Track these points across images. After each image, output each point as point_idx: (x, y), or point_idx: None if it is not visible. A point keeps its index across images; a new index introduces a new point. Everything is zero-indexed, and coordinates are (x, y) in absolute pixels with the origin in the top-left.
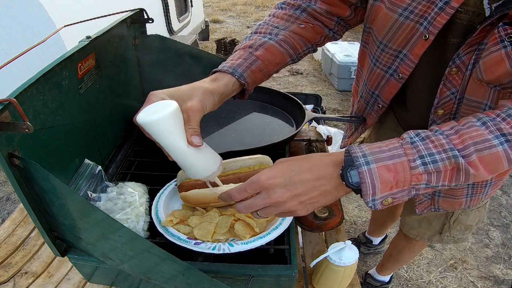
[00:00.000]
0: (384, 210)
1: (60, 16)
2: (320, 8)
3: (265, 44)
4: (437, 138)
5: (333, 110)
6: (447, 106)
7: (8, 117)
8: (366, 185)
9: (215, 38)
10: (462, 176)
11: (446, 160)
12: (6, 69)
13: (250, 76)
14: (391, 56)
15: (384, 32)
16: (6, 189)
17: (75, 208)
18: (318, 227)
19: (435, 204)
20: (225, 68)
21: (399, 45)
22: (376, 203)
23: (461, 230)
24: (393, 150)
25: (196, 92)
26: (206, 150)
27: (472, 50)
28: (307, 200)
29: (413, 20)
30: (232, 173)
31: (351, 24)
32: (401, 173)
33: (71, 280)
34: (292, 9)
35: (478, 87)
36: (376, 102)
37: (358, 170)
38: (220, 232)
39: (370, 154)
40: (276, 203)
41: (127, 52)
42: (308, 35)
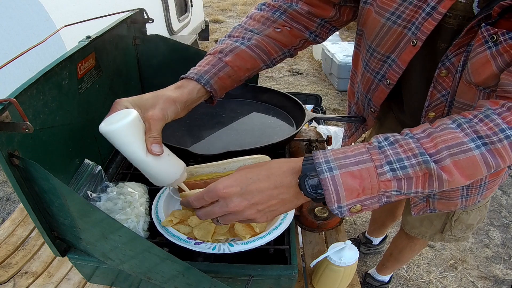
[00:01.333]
0: (384, 210)
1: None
2: (302, 9)
3: (235, 49)
4: (407, 142)
5: (333, 110)
6: (438, 109)
7: (8, 117)
8: (329, 192)
9: (215, 38)
10: (435, 182)
11: (416, 166)
12: (6, 69)
13: (217, 83)
14: (379, 61)
15: (373, 36)
16: (6, 189)
17: (75, 208)
18: (318, 227)
19: (431, 206)
20: (191, 75)
21: (387, 50)
22: (343, 210)
23: (462, 229)
24: (359, 155)
25: (159, 101)
26: (167, 158)
27: (461, 52)
28: (265, 208)
29: (400, 25)
30: (232, 173)
31: (337, 26)
32: (367, 179)
33: (71, 280)
34: (271, 11)
35: (468, 90)
36: (369, 106)
37: (320, 177)
38: (220, 232)
39: (334, 160)
40: (233, 211)
41: (127, 52)
42: (284, 39)
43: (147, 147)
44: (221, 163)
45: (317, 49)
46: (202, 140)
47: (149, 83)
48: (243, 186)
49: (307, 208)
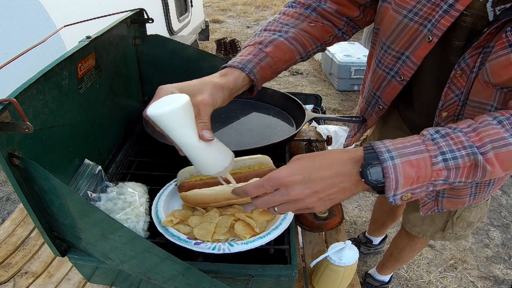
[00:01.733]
0: (384, 210)
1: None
2: (330, 8)
3: (275, 41)
4: (457, 136)
5: (333, 110)
6: (451, 108)
7: (8, 117)
8: (390, 180)
9: (215, 38)
10: (479, 173)
11: (465, 157)
12: (6, 69)
13: (259, 72)
14: (393, 58)
15: (388, 33)
16: (6, 189)
17: (75, 208)
18: (318, 227)
19: (439, 205)
20: (235, 64)
21: (402, 46)
22: (396, 198)
23: (463, 227)
24: (416, 146)
25: (206, 87)
26: (217, 145)
27: (477, 53)
28: (326, 196)
29: (417, 22)
30: (232, 173)
31: (360, 25)
32: (423, 168)
33: (71, 280)
34: (303, 8)
35: (484, 89)
36: (377, 103)
37: (383, 165)
38: (220, 232)
39: (394, 150)
40: (295, 200)
41: (127, 52)
42: (317, 33)
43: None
44: None
45: None
46: None
47: (149, 83)
48: (306, 174)
49: None
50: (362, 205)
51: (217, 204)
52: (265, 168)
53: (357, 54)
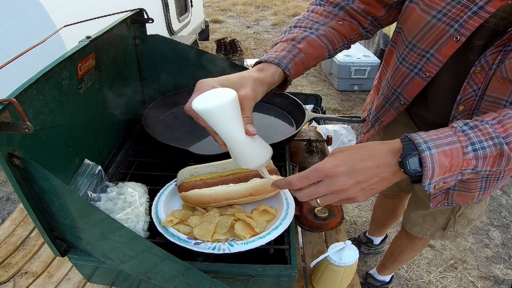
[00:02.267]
0: (385, 210)
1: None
2: (358, 7)
3: (307, 37)
4: (484, 127)
5: (333, 110)
6: (468, 102)
7: (8, 117)
8: (427, 169)
9: (215, 38)
10: (504, 161)
11: (492, 147)
12: (6, 69)
13: (293, 68)
14: (418, 56)
15: (415, 32)
16: (6, 189)
17: (75, 208)
18: (318, 227)
19: (449, 199)
20: (271, 59)
21: (428, 45)
22: (431, 187)
23: (464, 224)
24: (449, 137)
25: (247, 81)
26: (259, 140)
27: (498, 51)
28: (367, 187)
29: (444, 22)
30: (232, 173)
31: (383, 24)
32: (455, 158)
33: (71, 280)
34: (331, 6)
35: (501, 85)
36: (397, 99)
37: (421, 155)
38: (220, 232)
39: (431, 141)
40: (339, 190)
41: (127, 52)
42: (345, 31)
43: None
44: (221, 163)
45: None
46: (202, 140)
47: (149, 83)
48: (350, 165)
49: (307, 208)
50: (362, 205)
51: (217, 204)
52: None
53: (357, 54)
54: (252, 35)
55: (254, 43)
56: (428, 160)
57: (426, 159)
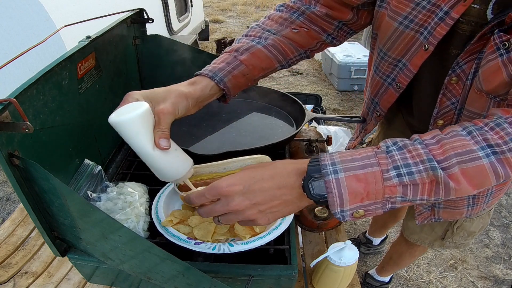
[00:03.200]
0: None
1: (60, 16)
2: (319, 11)
3: (251, 48)
4: (415, 148)
5: (333, 110)
6: (447, 116)
7: (8, 117)
8: (332, 196)
9: (215, 38)
10: (442, 190)
11: (423, 172)
12: (6, 69)
13: (231, 81)
14: (390, 65)
15: (385, 40)
16: (6, 189)
17: (75, 208)
18: (318, 227)
19: (435, 215)
20: (205, 72)
21: (399, 54)
22: (346, 215)
23: (463, 236)
24: (366, 159)
25: (170, 95)
26: (175, 153)
27: (473, 59)
28: (267, 209)
29: (413, 29)
30: (232, 173)
31: (355, 29)
32: (372, 184)
33: (71, 280)
34: (290, 12)
35: (478, 98)
36: (375, 109)
37: (325, 179)
38: (220, 232)
39: (340, 163)
40: (234, 211)
41: (127, 52)
42: (301, 40)
43: (154, 141)
44: (221, 163)
45: None
46: (202, 140)
47: (149, 83)
48: (246, 185)
49: (307, 208)
50: None
51: None
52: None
53: (357, 54)
54: None
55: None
56: (333, 185)
57: (330, 183)
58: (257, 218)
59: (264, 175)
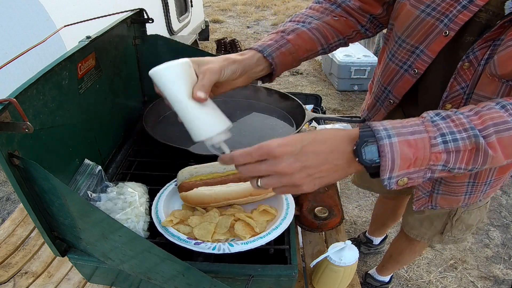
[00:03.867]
0: (386, 210)
1: (60, 16)
2: (354, 5)
3: (297, 30)
4: (458, 118)
5: (333, 110)
6: (455, 100)
7: (8, 117)
8: (386, 160)
9: (215, 38)
10: (480, 158)
11: (466, 139)
12: (6, 69)
13: (278, 57)
14: (407, 52)
15: (404, 28)
16: (6, 189)
17: (75, 208)
18: (318, 227)
19: (433, 202)
20: (255, 46)
21: (417, 41)
22: (392, 182)
23: (462, 229)
24: (415, 126)
25: (218, 59)
26: (212, 109)
27: (487, 46)
28: (316, 173)
29: (434, 17)
30: (232, 173)
31: (384, 23)
32: (421, 150)
33: (71, 280)
34: (329, 3)
35: (490, 82)
36: (387, 98)
37: (379, 143)
38: (220, 232)
39: (392, 128)
40: (282, 172)
41: (127, 52)
42: (340, 27)
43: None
44: None
45: None
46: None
47: (149, 83)
48: (298, 146)
49: (307, 208)
50: (362, 205)
51: (217, 204)
52: None
53: (357, 54)
54: (252, 35)
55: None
56: (387, 149)
57: (384, 147)
58: (303, 183)
59: (316, 138)
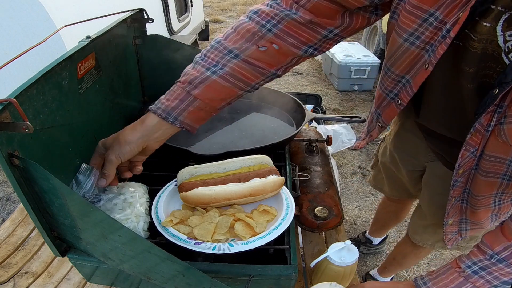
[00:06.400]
0: (389, 212)
1: (60, 16)
2: (302, 18)
3: (206, 80)
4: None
5: (333, 110)
6: (467, 164)
7: (8, 117)
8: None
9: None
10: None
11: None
12: (6, 69)
13: (188, 118)
14: (393, 81)
15: (390, 55)
16: (6, 189)
17: (75, 208)
18: (318, 227)
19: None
20: (159, 111)
21: (402, 70)
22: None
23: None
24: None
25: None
26: None
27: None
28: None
29: (418, 46)
30: (232, 173)
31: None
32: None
33: (71, 280)
34: (263, 21)
35: (502, 145)
36: (378, 120)
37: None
38: (220, 232)
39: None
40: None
41: (127, 52)
42: (268, 59)
43: None
44: (221, 163)
45: None
46: (202, 140)
47: (149, 83)
48: None
49: (307, 208)
50: (362, 205)
51: (217, 204)
52: (265, 168)
53: (357, 54)
54: None
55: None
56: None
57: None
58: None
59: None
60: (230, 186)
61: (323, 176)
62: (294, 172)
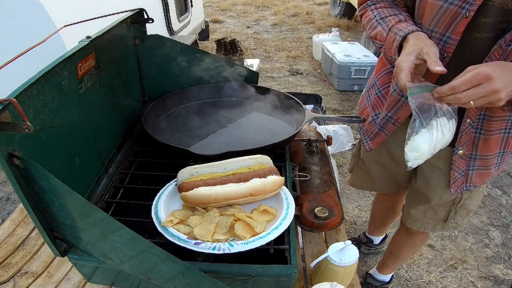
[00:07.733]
0: (384, 207)
1: (60, 16)
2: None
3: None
4: None
5: (333, 110)
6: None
7: (8, 117)
8: None
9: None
10: None
11: None
12: (6, 69)
13: None
14: (436, 40)
15: (431, 19)
16: (6, 189)
17: (75, 208)
18: (318, 227)
19: (468, 181)
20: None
21: (444, 28)
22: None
23: (463, 215)
24: None
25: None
26: None
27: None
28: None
29: (456, 5)
30: (232, 173)
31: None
32: None
33: (71, 280)
34: None
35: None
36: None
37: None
38: (220, 232)
39: None
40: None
41: (127, 52)
42: None
43: None
44: (221, 163)
45: (317, 49)
46: (202, 140)
47: (149, 83)
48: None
49: (307, 208)
50: (362, 205)
51: (217, 204)
52: (265, 168)
53: (357, 54)
54: (252, 35)
55: (254, 43)
56: None
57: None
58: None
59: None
60: (230, 186)
61: (323, 176)
62: (294, 172)
